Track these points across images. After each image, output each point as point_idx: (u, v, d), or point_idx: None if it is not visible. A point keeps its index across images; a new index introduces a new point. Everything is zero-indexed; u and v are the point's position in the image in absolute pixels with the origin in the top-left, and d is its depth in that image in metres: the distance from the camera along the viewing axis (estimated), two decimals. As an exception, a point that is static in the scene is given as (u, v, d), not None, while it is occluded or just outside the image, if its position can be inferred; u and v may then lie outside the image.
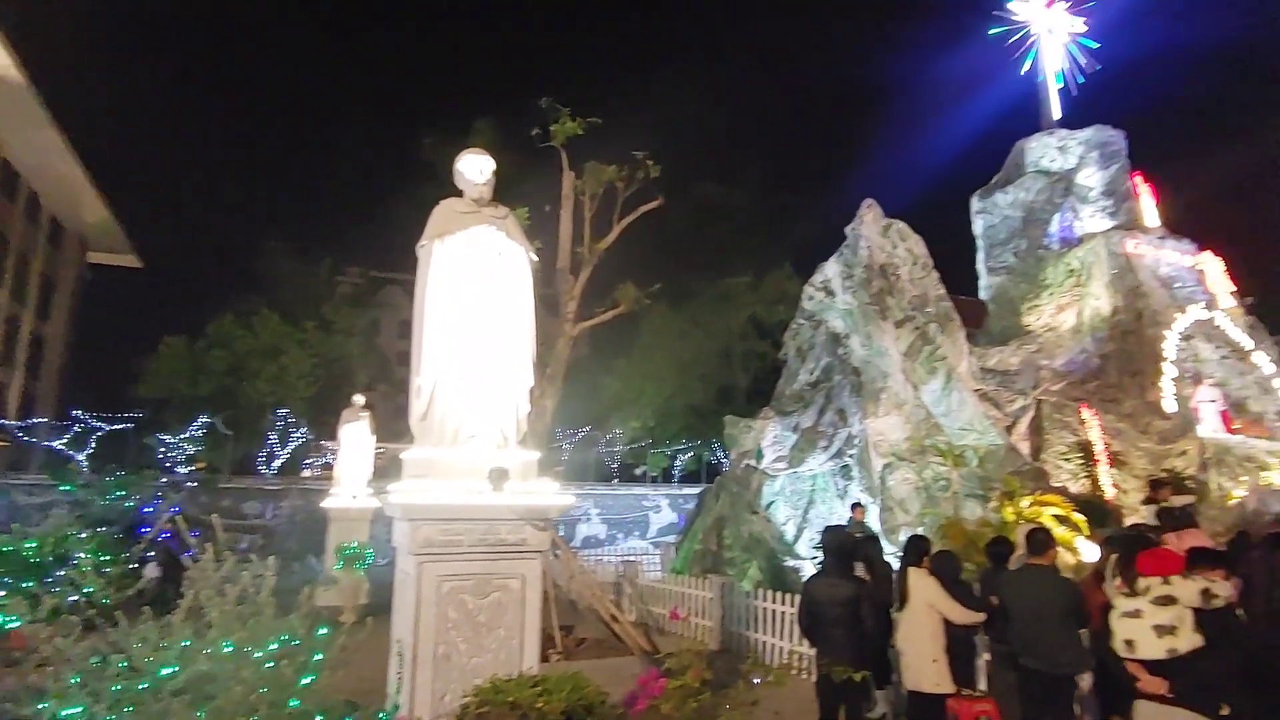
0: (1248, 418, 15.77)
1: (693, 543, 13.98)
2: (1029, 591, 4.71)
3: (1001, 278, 18.60)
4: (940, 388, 13.87)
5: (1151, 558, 3.36)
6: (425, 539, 4.43)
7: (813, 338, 15.79)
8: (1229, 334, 16.58)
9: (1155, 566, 3.30)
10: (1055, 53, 20.25)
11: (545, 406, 10.44)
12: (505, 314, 4.91)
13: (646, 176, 11.04)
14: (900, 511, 12.48)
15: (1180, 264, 17.21)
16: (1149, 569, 3.32)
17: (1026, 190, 18.40)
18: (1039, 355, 15.92)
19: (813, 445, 14.44)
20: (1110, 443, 13.81)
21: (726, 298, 25.10)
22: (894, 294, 14.75)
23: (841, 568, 4.81)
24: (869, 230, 15.36)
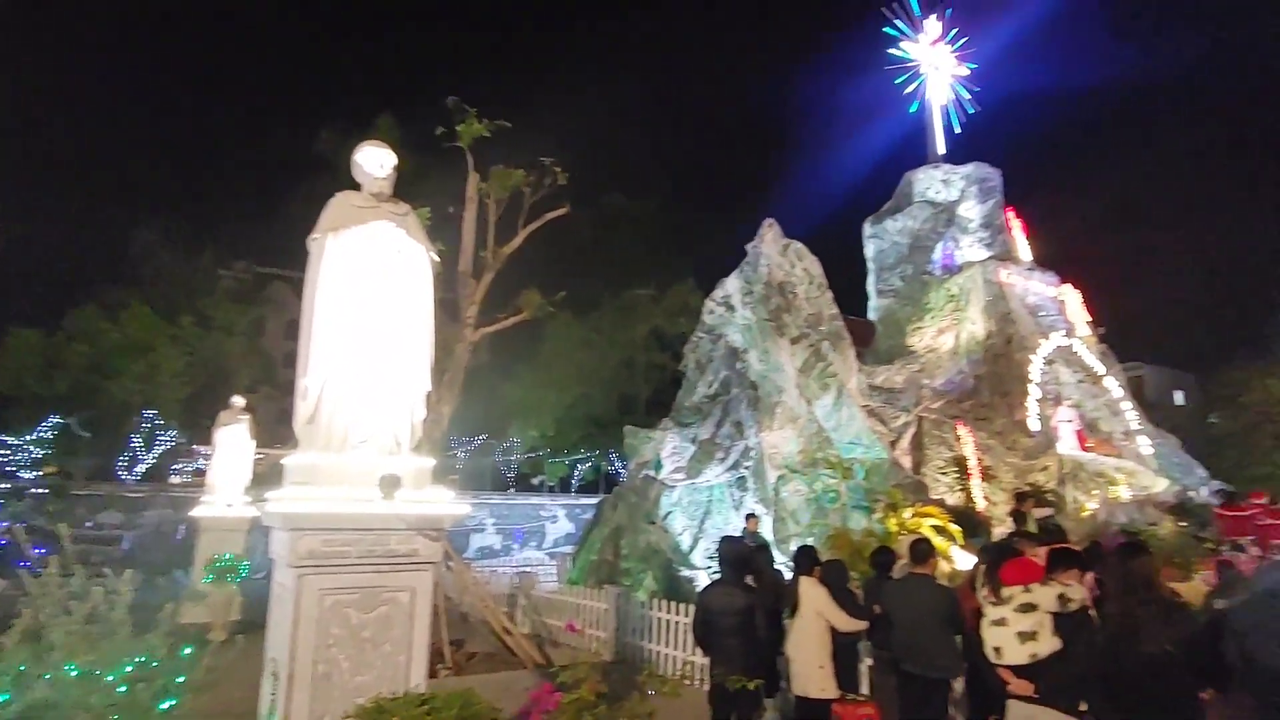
0: (1099, 437, 17.30)
1: (589, 553, 13.90)
2: (911, 599, 4.95)
3: (889, 300, 19.63)
4: (832, 403, 14.44)
5: (1013, 568, 3.59)
6: (308, 550, 4.16)
7: (712, 351, 16.11)
8: (1085, 360, 18.15)
9: (1017, 576, 3.53)
10: (941, 91, 21.67)
11: (442, 412, 10.14)
12: (402, 314, 4.71)
13: (554, 183, 10.96)
14: (792, 522, 12.88)
15: (1045, 294, 18.72)
16: (1011, 578, 3.54)
17: (914, 219, 19.54)
18: (921, 375, 16.88)
19: (710, 457, 14.70)
20: (982, 458, 14.79)
21: (630, 309, 25.27)
22: (791, 311, 15.27)
23: (737, 578, 4.89)
24: (769, 249, 15.86)
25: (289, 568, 4.17)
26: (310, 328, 4.46)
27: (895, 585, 5.26)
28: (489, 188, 10.89)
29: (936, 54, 21.70)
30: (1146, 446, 17.44)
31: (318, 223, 4.70)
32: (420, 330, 4.80)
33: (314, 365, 4.42)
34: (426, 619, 4.52)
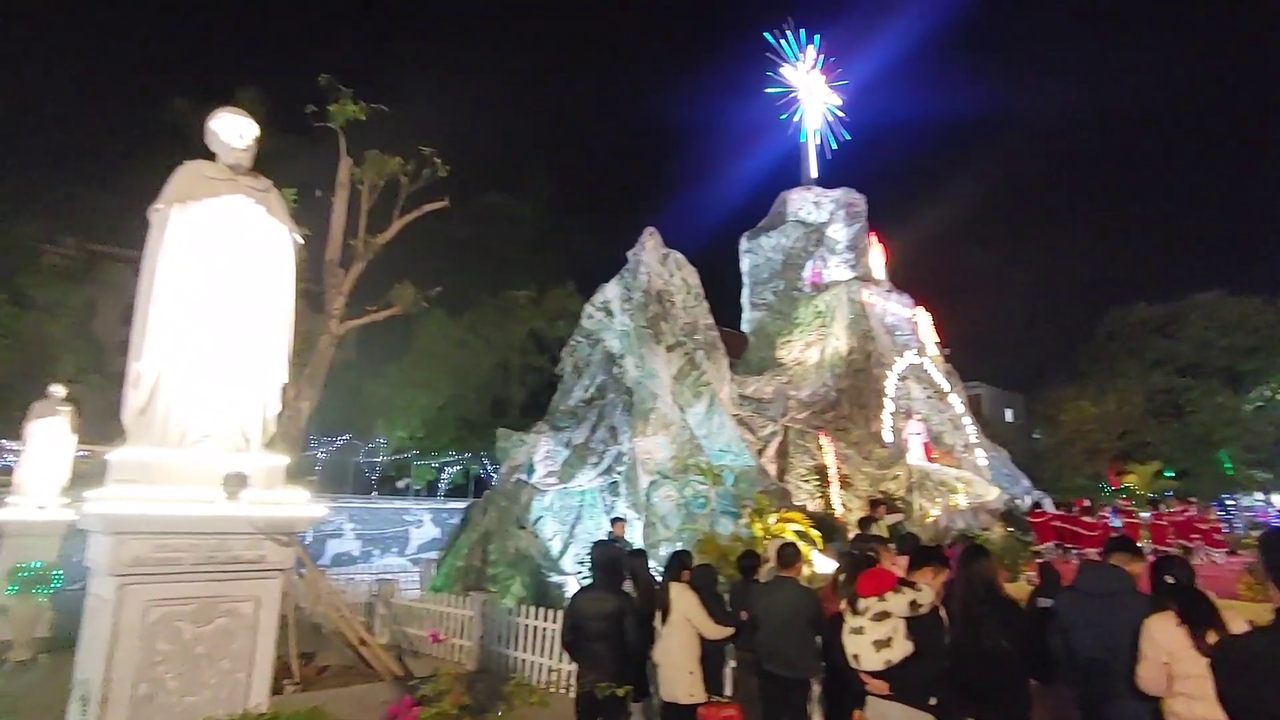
0: (943, 448, 18.74)
1: (455, 559, 13.43)
2: (776, 602, 5.09)
3: (762, 313, 20.40)
4: (704, 411, 14.78)
5: (869, 579, 3.76)
6: (134, 557, 3.70)
7: (590, 356, 16.09)
8: (933, 377, 19.64)
9: (872, 588, 3.70)
10: (815, 117, 22.86)
11: (300, 409, 9.46)
12: (258, 298, 4.29)
13: (433, 174, 10.52)
14: (662, 527, 13.04)
15: (901, 315, 20.11)
16: (867, 590, 3.71)
17: (787, 237, 20.45)
18: (788, 386, 17.63)
19: (583, 461, 14.64)
20: (841, 466, 15.61)
21: (508, 310, 24.77)
22: (668, 319, 15.52)
23: (608, 582, 4.83)
24: (649, 257, 16.06)
25: (109, 576, 3.69)
26: (147, 307, 3.98)
27: (761, 589, 5.40)
28: (363, 173, 10.31)
29: (812, 81, 22.87)
30: (982, 458, 19.08)
31: (162, 192, 4.22)
32: (278, 317, 4.41)
33: (150, 349, 3.95)
34: (272, 631, 4.15)
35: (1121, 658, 3.42)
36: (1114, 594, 3.55)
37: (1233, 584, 9.78)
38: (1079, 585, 3.73)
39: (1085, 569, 3.75)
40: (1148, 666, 3.38)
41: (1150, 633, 3.41)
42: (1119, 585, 3.58)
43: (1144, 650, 3.41)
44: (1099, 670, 3.46)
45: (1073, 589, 3.79)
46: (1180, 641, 3.32)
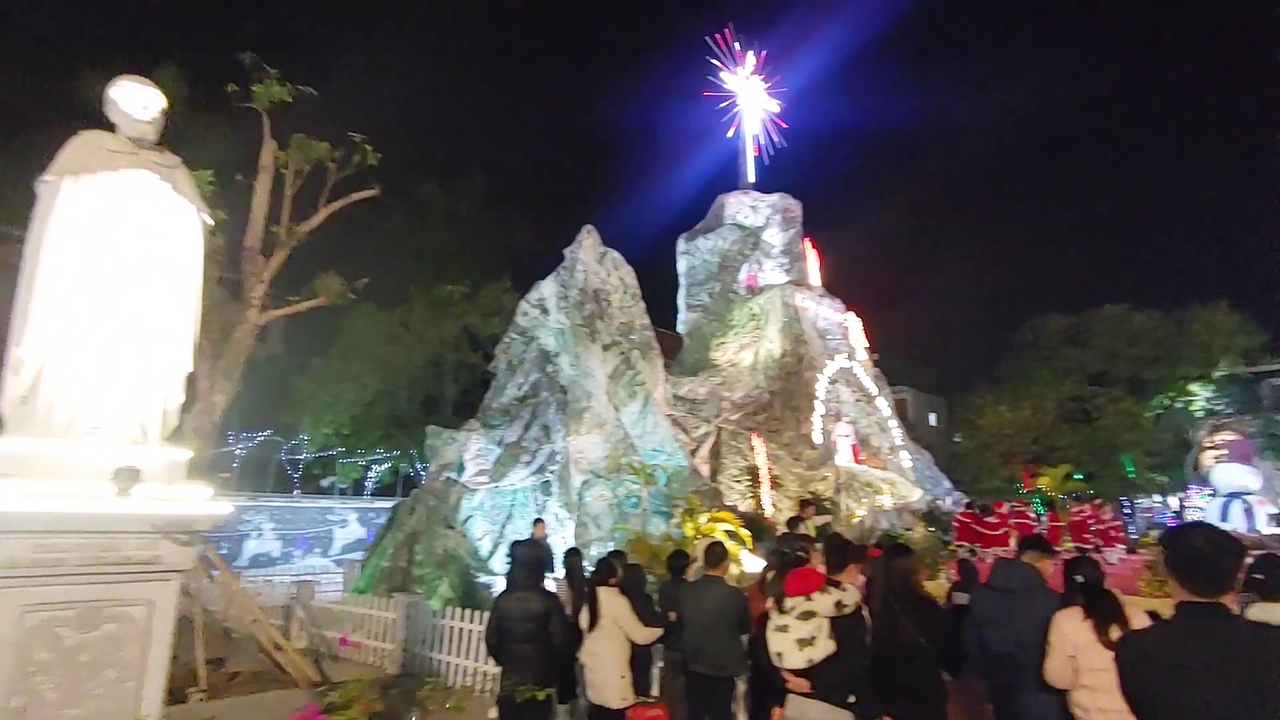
0: (870, 451, 19.24)
1: (380, 559, 13.01)
2: (703, 601, 5.06)
3: (698, 315, 20.54)
4: (639, 411, 14.76)
5: (796, 579, 3.78)
6: (8, 558, 3.39)
7: (524, 353, 15.87)
8: (862, 381, 20.15)
9: (799, 587, 3.71)
10: (753, 123, 23.18)
11: (214, 402, 8.98)
12: (160, 282, 3.98)
13: (363, 162, 10.14)
14: (594, 527, 12.94)
15: (832, 319, 20.56)
16: (794, 589, 3.72)
17: (724, 239, 20.65)
18: (722, 387, 17.80)
19: (515, 460, 14.41)
20: (772, 467, 15.84)
21: (441, 305, 24.16)
22: (604, 318, 15.44)
23: (533, 582, 4.72)
24: (586, 255, 15.95)
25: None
26: (30, 287, 3.65)
27: (689, 588, 5.37)
28: (288, 157, 9.86)
29: (751, 87, 23.19)
30: (907, 460, 19.69)
31: (53, 162, 3.89)
32: (183, 302, 4.11)
33: (33, 332, 3.62)
34: (167, 637, 3.87)
35: (1031, 652, 3.52)
36: (1024, 590, 3.67)
37: (1133, 581, 10.32)
38: (992, 582, 3.83)
39: (998, 567, 3.86)
40: (1055, 659, 3.50)
41: (1058, 626, 3.52)
42: (1029, 582, 3.70)
43: (1052, 643, 3.53)
44: (1010, 664, 3.55)
45: (986, 586, 3.90)
46: (1086, 635, 3.44)
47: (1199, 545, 2.00)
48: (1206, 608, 1.96)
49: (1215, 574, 1.97)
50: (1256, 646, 1.84)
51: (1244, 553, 2.04)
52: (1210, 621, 1.94)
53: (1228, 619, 1.94)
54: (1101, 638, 3.44)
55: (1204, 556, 1.98)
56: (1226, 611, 1.95)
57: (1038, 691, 3.50)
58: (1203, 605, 1.97)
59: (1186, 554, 2.02)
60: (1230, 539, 2.02)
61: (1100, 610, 3.47)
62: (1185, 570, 2.02)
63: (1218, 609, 1.95)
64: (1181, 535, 2.07)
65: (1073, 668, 3.45)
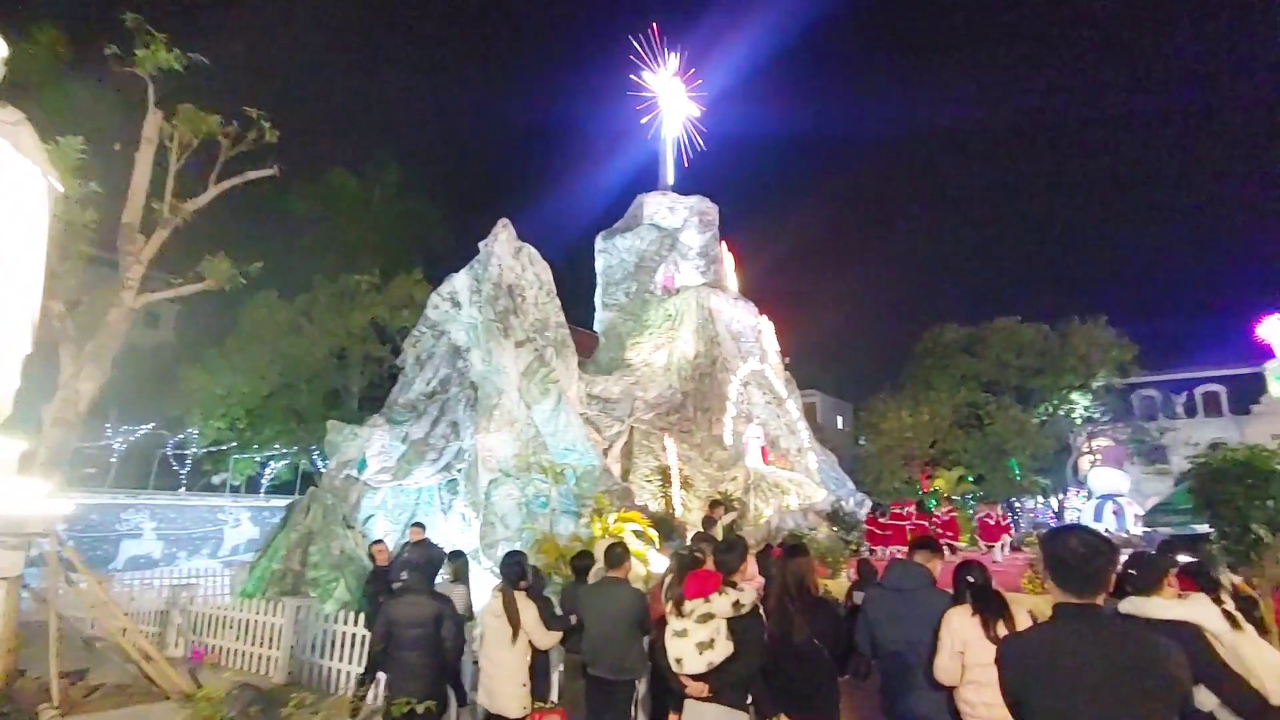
0: (778, 452, 19.66)
1: (271, 561, 12.32)
2: (604, 604, 4.96)
3: (614, 314, 20.47)
4: (551, 409, 14.55)
5: (695, 581, 3.74)
6: None
7: (434, 347, 15.40)
8: (773, 384, 20.57)
9: (697, 589, 3.67)
10: (674, 125, 23.31)
11: (81, 390, 8.24)
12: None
13: (260, 139, 9.55)
14: (501, 526, 12.66)
15: (746, 323, 20.90)
16: (693, 592, 3.68)
17: (641, 239, 20.66)
18: (636, 387, 17.80)
19: (421, 457, 13.95)
20: (683, 467, 15.94)
21: (349, 295, 23.19)
22: (518, 314, 15.15)
23: (426, 585, 4.50)
24: (501, 249, 15.61)
25: None
26: None
27: (590, 590, 5.26)
28: (174, 129, 9.17)
29: (673, 89, 23.31)
30: (813, 462, 20.23)
31: None
32: (21, 275, 3.67)
33: None
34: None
35: (920, 650, 3.60)
36: (915, 589, 3.74)
37: (1017, 578, 10.91)
38: (885, 581, 3.90)
39: (892, 566, 3.94)
40: (944, 655, 3.60)
41: (949, 623, 3.64)
42: (919, 581, 3.78)
43: (942, 639, 3.62)
44: (899, 663, 3.62)
45: (879, 585, 3.97)
46: (974, 631, 3.57)
47: (1074, 547, 2.04)
48: (1080, 609, 2.01)
49: (1089, 575, 2.01)
50: (1126, 646, 1.89)
51: (1116, 554, 2.10)
52: (1083, 623, 1.99)
53: (1100, 619, 1.99)
54: (989, 634, 3.56)
55: (1078, 558, 2.02)
56: (1098, 612, 2.00)
57: (927, 689, 3.58)
58: (1077, 606, 2.01)
59: (1062, 556, 2.07)
60: (1103, 540, 2.08)
61: (987, 607, 3.59)
62: (1060, 572, 2.07)
63: (1090, 609, 2.00)
64: (1057, 538, 2.12)
65: (961, 664, 3.55)
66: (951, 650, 3.58)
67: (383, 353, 24.72)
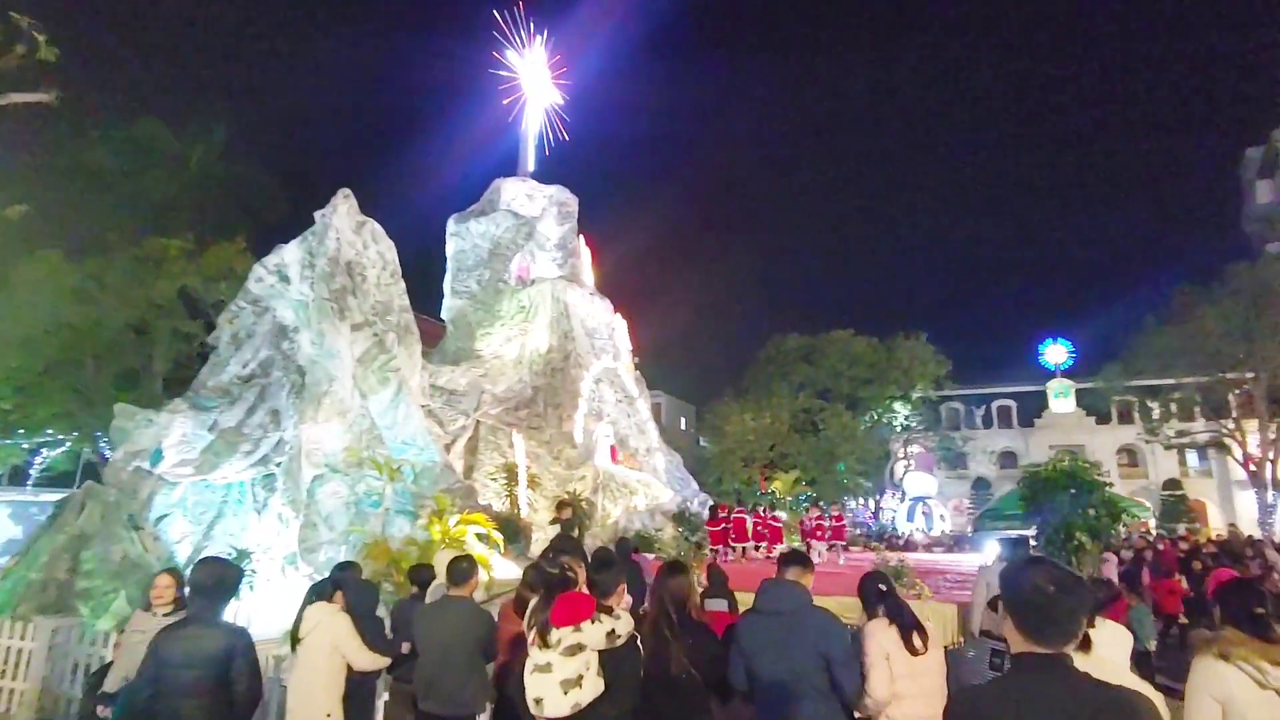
0: (627, 452, 19.46)
1: (28, 570, 10.26)
2: (443, 626, 4.27)
3: (464, 302, 19.35)
4: (390, 399, 13.39)
5: (564, 606, 3.21)
6: None
7: (255, 325, 13.68)
8: (625, 383, 20.36)
9: (567, 615, 3.14)
10: (536, 111, 22.51)
11: None
12: None
13: (31, 54, 7.81)
14: (325, 528, 11.39)
15: (601, 319, 20.52)
16: (561, 619, 3.14)
17: (497, 225, 19.69)
18: (484, 380, 16.88)
19: (232, 448, 12.28)
20: (531, 466, 15.27)
21: (153, 261, 20.15)
22: (357, 295, 13.82)
23: (211, 613, 3.57)
24: (341, 222, 14.19)
25: None
26: None
27: (428, 610, 4.52)
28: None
29: (537, 74, 22.51)
30: (661, 462, 20.23)
31: None
32: None
33: None
34: None
35: (805, 677, 3.26)
36: (794, 611, 3.40)
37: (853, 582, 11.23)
38: (759, 606, 3.52)
39: (765, 588, 3.56)
40: (878, 674, 3.44)
41: (873, 637, 3.53)
42: (797, 601, 3.45)
43: (871, 656, 3.46)
44: (783, 694, 3.25)
45: (753, 611, 3.59)
46: (895, 642, 3.48)
47: (1040, 585, 1.71)
48: (1046, 660, 1.67)
49: (1058, 619, 1.69)
50: (1099, 707, 1.57)
51: (1088, 594, 1.80)
52: (1049, 676, 1.65)
53: (1069, 674, 1.66)
54: (908, 646, 3.49)
55: (1046, 598, 1.69)
56: (1068, 665, 1.67)
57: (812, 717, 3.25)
58: (1042, 657, 1.68)
59: (1026, 595, 1.73)
60: (1073, 578, 1.76)
61: (903, 619, 3.53)
62: (1024, 615, 1.73)
63: (1058, 661, 1.67)
64: (1021, 574, 1.78)
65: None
66: (880, 662, 3.44)
67: (193, 328, 21.83)
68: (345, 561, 5.48)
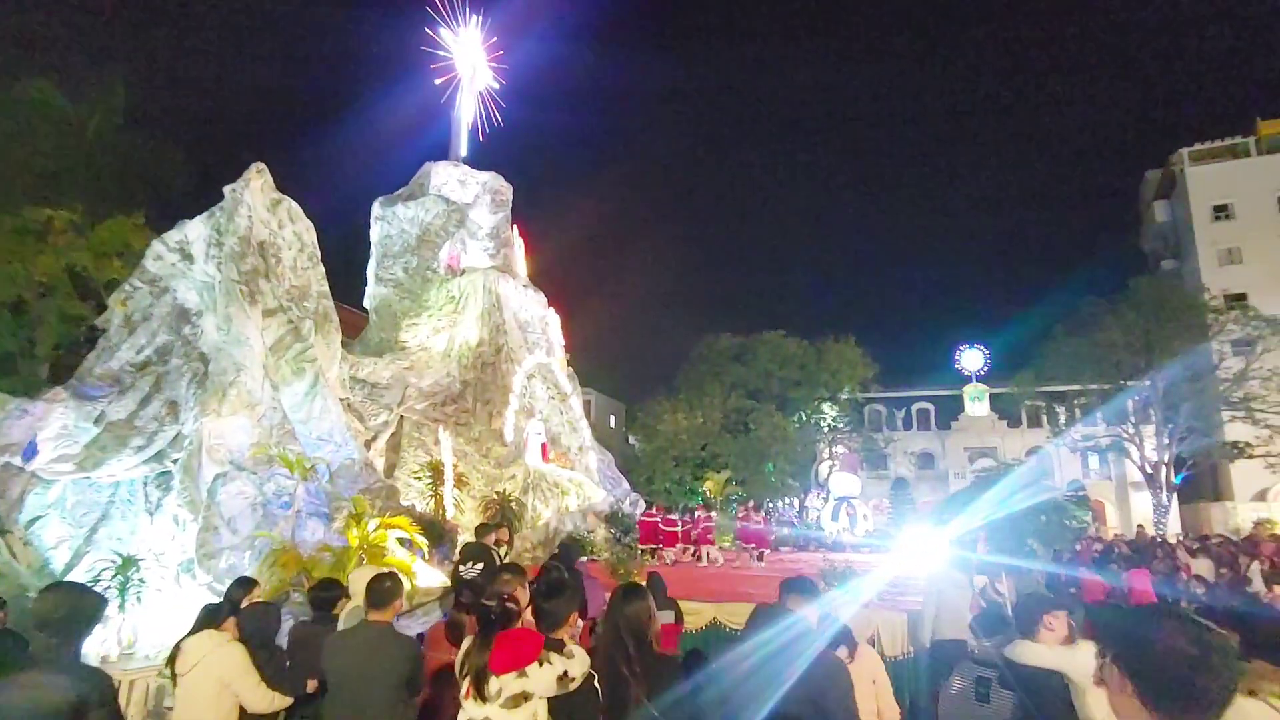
0: (559, 450, 18.83)
1: None
2: (359, 658, 3.62)
3: (389, 290, 18.31)
4: (305, 391, 12.41)
5: (507, 647, 2.65)
6: None
7: (152, 307, 12.42)
8: (558, 379, 19.69)
9: (509, 659, 2.59)
10: (471, 94, 21.55)
11: None
12: None
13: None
14: (227, 532, 10.33)
15: (535, 313, 19.79)
16: (502, 664, 2.59)
17: (426, 211, 18.69)
18: (410, 373, 15.95)
19: (122, 443, 11.06)
20: (458, 464, 14.47)
21: (35, 234, 18.22)
22: (270, 278, 12.75)
23: (61, 654, 2.84)
24: (254, 198, 13.08)
25: None
26: None
27: (341, 638, 3.85)
28: None
29: (473, 55, 21.56)
30: (593, 461, 19.67)
31: None
32: None
33: None
34: None
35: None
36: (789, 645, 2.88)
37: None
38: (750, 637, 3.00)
39: (758, 615, 3.05)
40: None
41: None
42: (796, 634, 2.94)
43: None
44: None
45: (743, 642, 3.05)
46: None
47: (1180, 648, 1.28)
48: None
49: (1202, 692, 1.26)
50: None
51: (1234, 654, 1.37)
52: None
53: None
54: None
55: (1190, 665, 1.27)
56: None
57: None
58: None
59: (1159, 661, 1.30)
60: (1220, 638, 1.33)
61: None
62: (1156, 685, 1.30)
63: None
64: (1148, 631, 1.35)
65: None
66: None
67: (82, 310, 19.90)
68: (242, 578, 4.73)
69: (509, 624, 2.90)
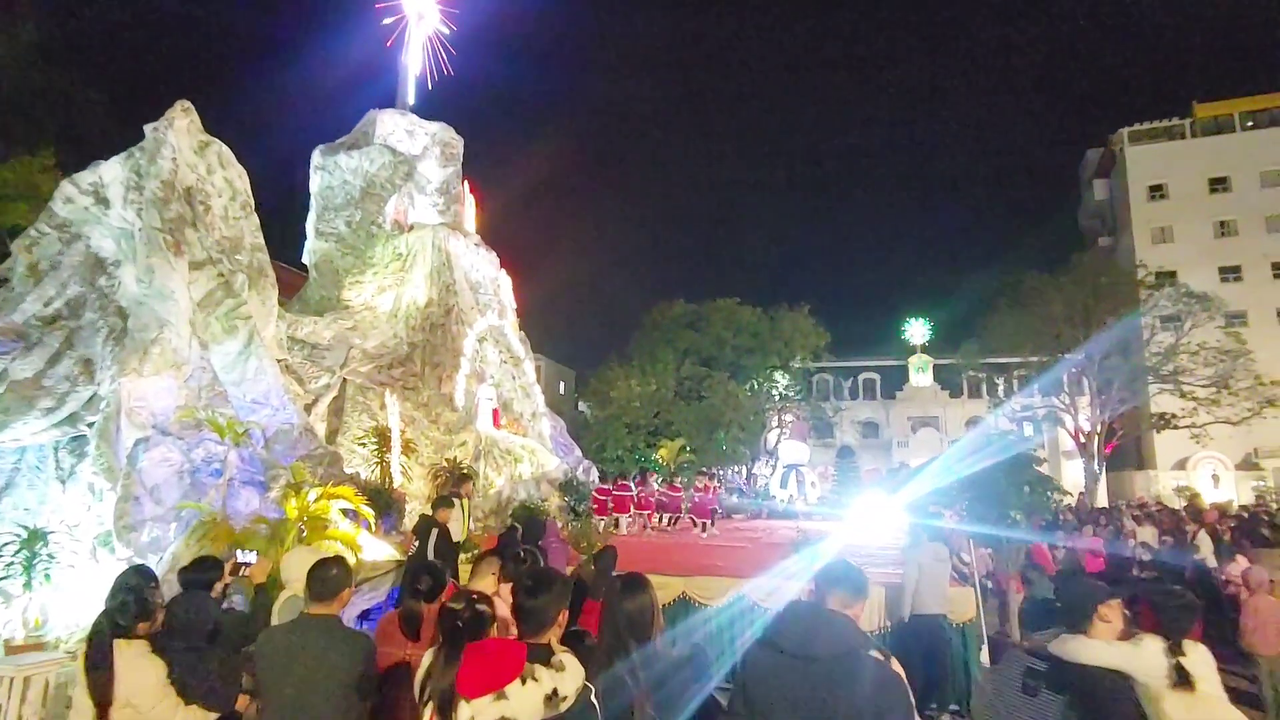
0: (511, 416, 18.21)
1: None
2: (299, 658, 3.06)
3: (329, 244, 17.19)
4: (238, 351, 11.50)
5: (478, 664, 2.13)
6: None
7: (60, 256, 11.22)
8: (511, 342, 18.98)
9: (484, 680, 2.08)
10: (420, 40, 20.28)
11: None
12: None
13: None
14: (151, 502, 9.47)
15: (487, 273, 18.95)
16: (475, 688, 2.08)
17: (371, 161, 17.55)
18: (353, 333, 15.03)
19: (28, 404, 9.99)
20: (405, 430, 13.74)
21: (-72, 174, 16.57)
22: (198, 227, 11.70)
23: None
24: (180, 140, 11.94)
25: None
26: None
27: (278, 635, 3.26)
28: None
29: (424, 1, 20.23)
30: (547, 428, 19.11)
31: None
32: None
33: None
34: None
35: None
36: (835, 657, 2.38)
37: (737, 553, 10.79)
38: (780, 641, 2.47)
39: (788, 615, 2.54)
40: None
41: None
42: (841, 643, 2.38)
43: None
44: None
45: (768, 645, 2.52)
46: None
47: None
48: None
49: None
50: None
51: None
52: None
53: None
54: None
55: None
56: None
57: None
58: None
59: None
60: None
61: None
62: None
63: None
64: None
65: None
66: None
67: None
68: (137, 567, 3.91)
69: (481, 632, 2.38)
